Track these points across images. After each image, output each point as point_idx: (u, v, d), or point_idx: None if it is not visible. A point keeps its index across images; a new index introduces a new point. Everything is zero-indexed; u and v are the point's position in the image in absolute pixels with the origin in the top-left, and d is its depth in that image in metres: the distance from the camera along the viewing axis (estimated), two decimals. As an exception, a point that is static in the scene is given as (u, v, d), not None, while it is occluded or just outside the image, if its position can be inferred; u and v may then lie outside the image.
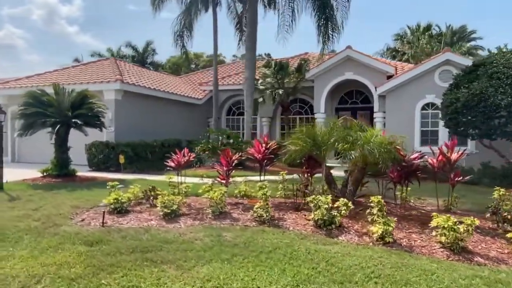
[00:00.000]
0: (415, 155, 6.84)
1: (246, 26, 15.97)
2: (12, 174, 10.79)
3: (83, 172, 12.34)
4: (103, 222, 6.17)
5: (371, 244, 5.31)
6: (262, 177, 8.31)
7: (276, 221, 6.27)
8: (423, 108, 14.63)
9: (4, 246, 5.01)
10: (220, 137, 15.11)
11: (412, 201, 7.85)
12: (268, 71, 17.36)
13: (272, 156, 7.51)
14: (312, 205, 6.02)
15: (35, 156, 15.45)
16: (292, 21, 15.41)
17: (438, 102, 14.35)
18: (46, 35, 67.47)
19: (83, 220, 6.54)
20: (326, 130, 7.13)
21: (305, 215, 6.58)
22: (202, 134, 15.93)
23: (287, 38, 15.66)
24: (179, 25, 17.47)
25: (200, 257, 4.62)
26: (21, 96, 11.35)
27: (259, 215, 6.20)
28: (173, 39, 17.69)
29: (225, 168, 7.34)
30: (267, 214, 6.17)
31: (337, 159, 7.66)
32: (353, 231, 5.81)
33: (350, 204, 5.79)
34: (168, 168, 8.76)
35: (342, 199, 5.94)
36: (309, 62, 17.46)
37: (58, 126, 10.56)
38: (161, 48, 72.30)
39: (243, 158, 7.83)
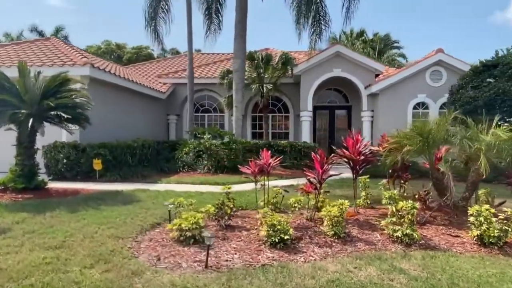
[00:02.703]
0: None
1: (236, 11, 14.05)
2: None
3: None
4: (206, 263, 4.12)
5: None
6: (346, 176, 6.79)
7: (422, 241, 4.97)
8: (414, 108, 14.69)
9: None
10: (206, 136, 12.98)
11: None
12: (250, 64, 15.74)
13: (373, 158, 6.15)
14: (473, 219, 4.87)
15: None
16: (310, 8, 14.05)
17: (429, 101, 14.61)
18: None
19: (159, 259, 4.36)
20: (436, 127, 6.05)
21: (438, 229, 5.42)
22: (189, 132, 13.61)
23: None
24: (150, 6, 14.73)
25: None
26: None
27: (404, 234, 4.82)
28: (145, 23, 14.85)
29: (319, 175, 5.73)
30: (417, 234, 4.83)
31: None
32: (528, 247, 4.83)
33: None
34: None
35: (508, 209, 4.91)
36: (292, 58, 16.32)
37: (31, 120, 7.55)
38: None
39: (336, 160, 6.28)
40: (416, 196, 5.88)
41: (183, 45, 43.00)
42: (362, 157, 5.95)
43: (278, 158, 5.91)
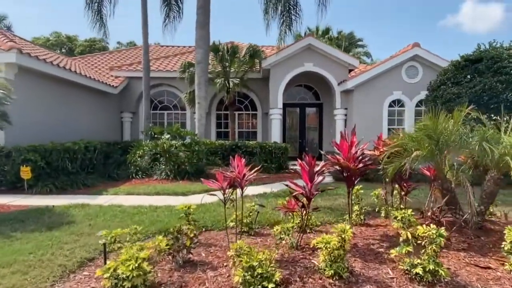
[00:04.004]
0: None
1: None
2: None
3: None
4: None
5: None
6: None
7: (450, 278, 3.75)
8: (390, 105, 13.83)
9: None
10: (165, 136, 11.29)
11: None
12: (214, 57, 14.20)
13: (374, 165, 4.88)
14: (511, 246, 3.72)
15: None
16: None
17: (405, 99, 13.81)
18: None
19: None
20: (453, 126, 4.91)
21: (460, 256, 4.23)
22: (144, 132, 11.80)
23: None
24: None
25: None
26: None
27: (426, 270, 3.58)
28: (86, 1, 12.76)
29: (308, 189, 4.36)
30: (444, 271, 3.60)
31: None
32: None
33: None
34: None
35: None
36: (260, 51, 14.96)
37: None
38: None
39: (329, 169, 4.92)
40: (429, 214, 4.69)
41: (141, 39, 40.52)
42: (361, 165, 4.65)
43: (256, 169, 4.44)
